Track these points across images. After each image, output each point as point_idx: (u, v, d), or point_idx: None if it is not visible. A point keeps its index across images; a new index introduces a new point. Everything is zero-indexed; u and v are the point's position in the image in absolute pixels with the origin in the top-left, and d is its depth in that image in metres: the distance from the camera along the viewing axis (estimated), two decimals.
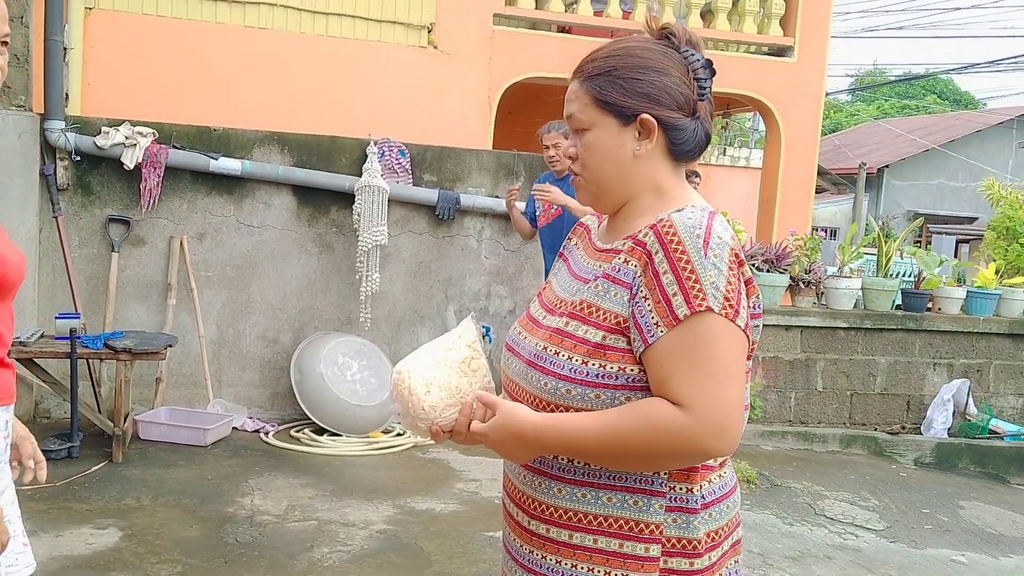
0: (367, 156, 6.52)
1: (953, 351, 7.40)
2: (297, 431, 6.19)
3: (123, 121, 6.12)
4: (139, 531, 4.35)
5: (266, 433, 6.14)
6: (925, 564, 4.78)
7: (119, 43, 7.07)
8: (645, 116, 1.56)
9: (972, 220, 22.10)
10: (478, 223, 6.90)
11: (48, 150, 5.99)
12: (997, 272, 7.80)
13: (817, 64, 9.42)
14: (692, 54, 1.59)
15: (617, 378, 1.50)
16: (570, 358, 1.53)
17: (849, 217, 21.49)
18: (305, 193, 6.50)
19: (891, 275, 7.69)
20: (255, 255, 6.46)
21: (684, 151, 1.61)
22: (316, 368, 6.13)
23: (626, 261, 1.54)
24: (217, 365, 6.41)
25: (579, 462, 1.55)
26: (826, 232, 21.38)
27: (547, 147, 5.60)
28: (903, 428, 7.32)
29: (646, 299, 1.48)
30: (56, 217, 6.01)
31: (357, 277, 6.48)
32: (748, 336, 1.51)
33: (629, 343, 1.50)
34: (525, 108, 9.70)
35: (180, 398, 6.29)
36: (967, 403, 7.24)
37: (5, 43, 1.93)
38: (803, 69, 9.35)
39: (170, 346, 5.71)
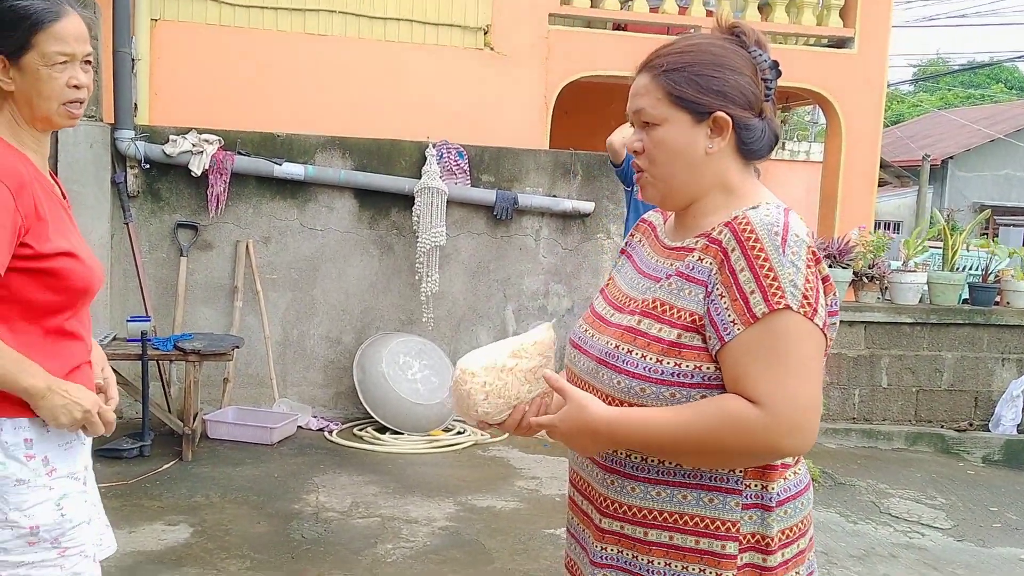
0: (426, 158, 6.60)
1: (1022, 346, 7.24)
2: (360, 430, 6.30)
3: (190, 129, 6.28)
4: (209, 527, 4.47)
5: (330, 432, 6.25)
6: (993, 563, 4.70)
7: (184, 53, 7.25)
8: (719, 114, 1.55)
9: None
10: (536, 223, 6.95)
11: (119, 159, 6.18)
12: None
13: (878, 55, 9.28)
14: (760, 54, 1.60)
15: (693, 376, 1.49)
16: (644, 356, 1.53)
17: (913, 210, 21.07)
18: (366, 196, 6.61)
19: (957, 269, 7.55)
20: (318, 257, 6.59)
21: (753, 150, 1.60)
22: (378, 367, 6.23)
23: (700, 259, 1.54)
24: (282, 365, 6.55)
25: (653, 460, 1.55)
26: (889, 226, 21.01)
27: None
28: (971, 425, 7.19)
29: (722, 297, 1.48)
30: (127, 223, 6.20)
31: (417, 278, 6.57)
32: (825, 334, 1.50)
33: (704, 341, 1.50)
34: (582, 107, 9.73)
35: (247, 398, 6.44)
36: None
37: (88, 62, 2.02)
38: (864, 60, 9.21)
39: (237, 347, 5.86)
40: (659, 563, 1.55)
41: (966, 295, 7.41)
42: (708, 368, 1.49)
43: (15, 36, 1.90)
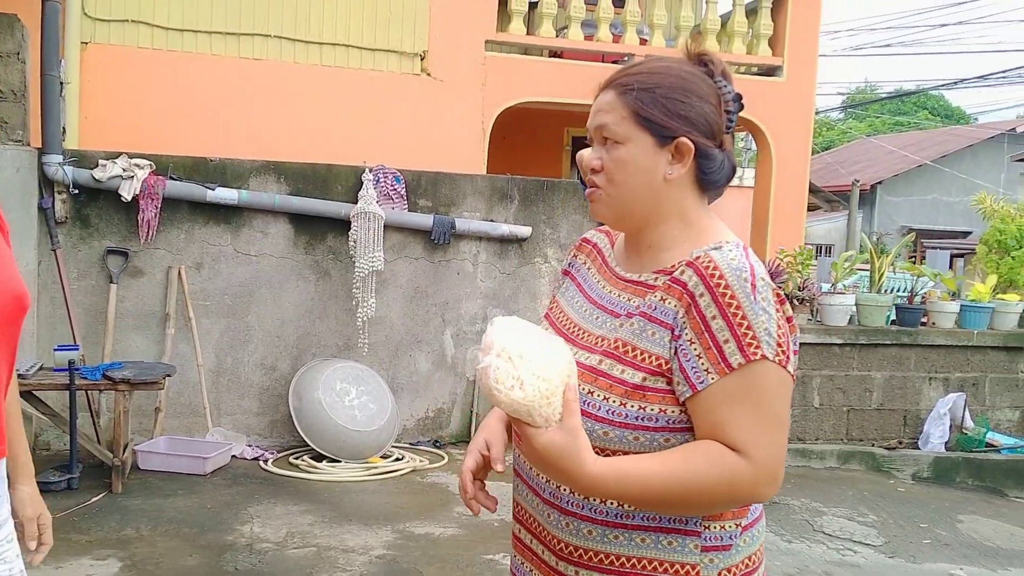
0: (362, 183, 6.58)
1: (948, 365, 7.44)
2: (296, 458, 6.21)
3: (120, 153, 6.18)
4: (139, 561, 4.36)
5: (265, 461, 6.16)
6: None
7: (115, 77, 7.15)
8: (683, 139, 1.52)
9: (966, 234, 22.19)
10: (473, 247, 6.96)
11: (46, 184, 6.04)
12: (995, 287, 7.86)
13: (806, 83, 9.52)
14: (725, 85, 1.58)
15: (657, 420, 1.46)
16: (607, 399, 1.48)
17: (844, 234, 21.56)
18: (301, 221, 6.56)
19: (885, 290, 7.74)
20: (252, 283, 6.50)
21: (712, 181, 1.57)
22: (314, 394, 6.16)
23: (663, 299, 1.49)
24: (216, 394, 6.44)
25: (611, 503, 1.50)
26: (821, 250, 21.44)
27: None
28: (900, 443, 7.35)
29: (692, 343, 1.44)
30: (55, 250, 6.06)
31: (354, 303, 6.53)
32: (793, 378, 1.50)
33: (669, 384, 1.47)
34: (519, 132, 9.80)
35: (179, 427, 6.31)
36: (963, 417, 7.27)
37: None
38: (792, 88, 9.44)
39: (168, 376, 5.74)
40: None
41: (894, 316, 7.59)
42: (673, 411, 1.47)
43: None
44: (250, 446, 6.33)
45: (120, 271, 6.22)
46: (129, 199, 6.10)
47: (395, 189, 6.74)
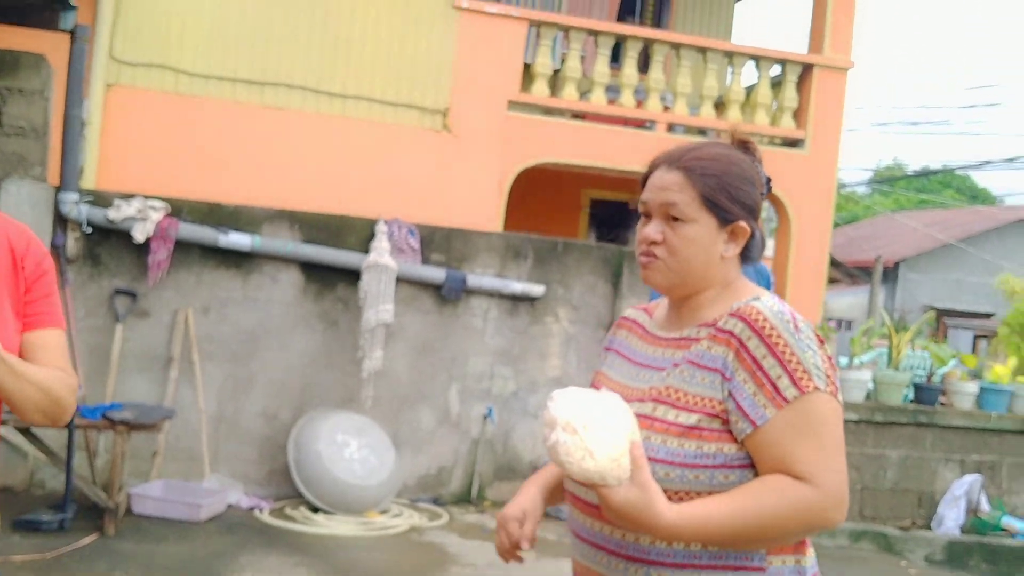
0: (376, 234, 6.57)
1: (966, 446, 7.26)
2: (292, 509, 6.11)
3: (135, 195, 6.20)
4: None
5: (261, 510, 6.06)
6: None
7: (138, 119, 7.21)
8: (740, 224, 1.69)
9: (989, 316, 21.94)
10: (484, 303, 6.91)
11: (60, 221, 6.07)
12: (1016, 369, 7.71)
13: (829, 157, 9.48)
14: (761, 169, 1.76)
15: (715, 458, 1.57)
16: (664, 442, 1.59)
17: (865, 310, 21.37)
18: (312, 270, 6.54)
19: (903, 369, 7.60)
20: (259, 330, 6.47)
21: (753, 257, 1.76)
22: (314, 446, 6.08)
23: (709, 348, 1.63)
24: (215, 440, 6.36)
25: (679, 544, 1.58)
26: (842, 324, 21.26)
27: None
28: (914, 524, 7.14)
29: (746, 383, 1.57)
30: (63, 288, 6.06)
31: (360, 354, 6.47)
32: (843, 410, 1.62)
33: (724, 424, 1.58)
34: (538, 192, 9.80)
35: (176, 472, 6.23)
36: (979, 500, 7.07)
37: None
38: (815, 161, 9.41)
39: (168, 419, 5.69)
40: None
41: (911, 395, 7.44)
42: (730, 449, 1.57)
43: None
44: (247, 495, 6.23)
45: (127, 312, 6.20)
46: (142, 241, 6.11)
47: (409, 242, 6.73)
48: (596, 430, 1.47)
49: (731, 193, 1.68)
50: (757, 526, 1.53)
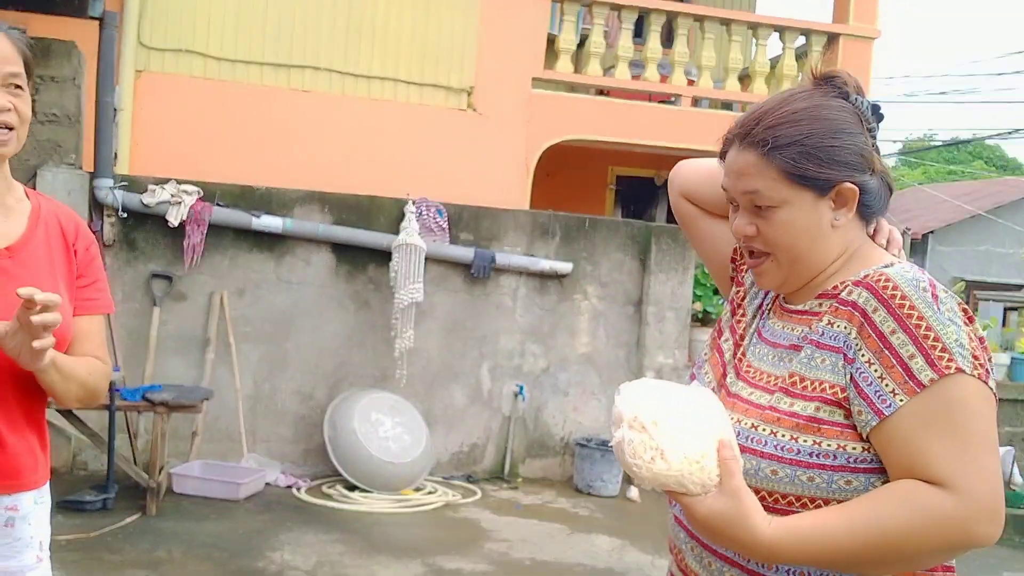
0: (405, 215, 6.62)
1: (997, 418, 7.23)
2: (329, 487, 6.20)
3: (169, 179, 6.28)
4: None
5: (298, 488, 6.15)
6: None
7: (168, 104, 7.30)
8: (846, 185, 1.40)
9: (1020, 287, 21.73)
10: (513, 281, 6.95)
11: (96, 207, 6.16)
12: None
13: None
14: (862, 101, 1.44)
15: (836, 458, 1.30)
16: (774, 433, 1.34)
17: None
18: (344, 251, 6.60)
19: None
20: (293, 311, 6.55)
21: (874, 210, 1.46)
22: (349, 424, 6.16)
23: (830, 323, 1.37)
24: (252, 420, 6.46)
25: (812, 569, 1.33)
26: None
27: None
28: None
29: (870, 364, 1.30)
30: None
31: (392, 334, 6.53)
32: (996, 400, 1.32)
33: (847, 416, 1.31)
34: (564, 169, 9.81)
35: (215, 452, 6.33)
36: (1012, 472, 7.05)
37: (18, 85, 1.78)
38: None
39: (206, 400, 5.78)
40: None
41: None
42: (854, 448, 1.31)
43: None
44: (284, 473, 6.33)
45: (164, 295, 6.30)
46: (176, 224, 6.19)
47: (437, 222, 6.77)
48: (670, 427, 1.26)
49: (821, 156, 1.38)
50: (880, 545, 1.24)
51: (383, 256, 6.58)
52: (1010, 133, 29.27)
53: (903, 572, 1.31)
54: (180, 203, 6.21)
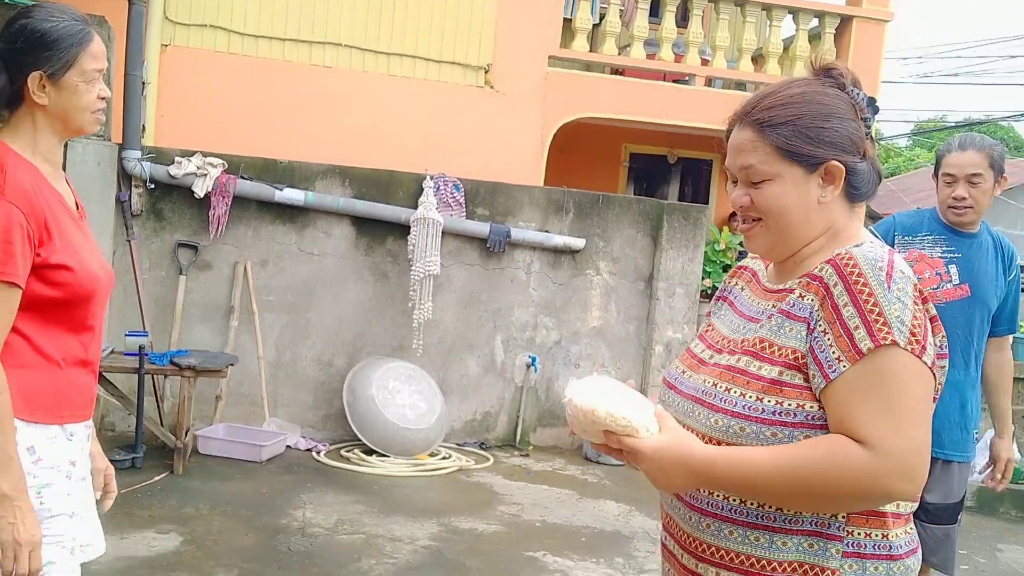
0: (423, 190, 6.79)
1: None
2: (347, 451, 6.43)
3: (195, 152, 6.47)
4: (198, 537, 4.59)
5: (318, 452, 6.38)
6: None
7: (192, 78, 7.48)
8: (833, 163, 1.54)
9: None
10: (527, 256, 7.13)
11: (124, 178, 6.35)
12: None
13: None
14: (858, 93, 1.59)
15: (795, 416, 1.46)
16: (743, 395, 1.50)
17: None
18: (363, 224, 6.79)
19: None
20: (314, 282, 6.75)
21: (861, 193, 1.60)
22: (368, 391, 6.37)
23: (801, 296, 1.52)
24: (274, 386, 6.68)
25: (752, 504, 1.51)
26: None
27: (951, 178, 3.36)
28: None
29: (825, 333, 1.45)
30: (129, 241, 6.36)
31: (410, 305, 6.72)
32: (935, 375, 1.46)
33: (807, 379, 1.47)
34: (578, 146, 9.97)
35: (237, 416, 6.56)
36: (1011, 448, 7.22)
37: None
38: None
39: (231, 365, 6.00)
40: None
41: None
42: (811, 407, 1.46)
43: (61, 56, 2.04)
44: (304, 437, 6.56)
45: (189, 264, 6.50)
46: (201, 196, 6.38)
47: (454, 197, 6.94)
48: (616, 393, 1.52)
49: (810, 135, 1.53)
50: (801, 484, 1.41)
51: (402, 229, 6.76)
52: (1022, 115, 29.12)
53: (818, 511, 1.48)
54: (206, 175, 6.40)
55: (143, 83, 6.58)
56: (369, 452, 6.38)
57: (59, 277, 2.04)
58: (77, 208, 2.26)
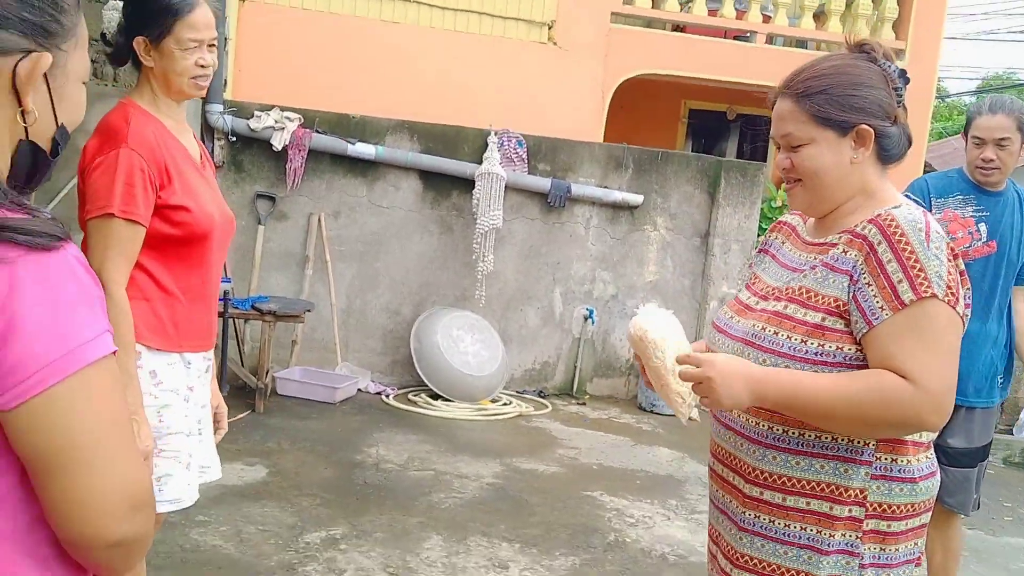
0: (487, 145, 7.03)
1: None
2: (414, 395, 6.78)
3: (273, 106, 6.76)
4: (282, 470, 4.98)
5: (387, 396, 6.74)
6: (999, 549, 5.07)
7: (268, 33, 7.76)
8: (862, 126, 1.73)
9: None
10: (587, 211, 7.35)
11: (207, 130, 6.68)
12: None
13: (927, 68, 9.52)
14: (889, 65, 1.79)
15: (835, 356, 1.67)
16: (789, 337, 1.71)
17: None
18: (430, 178, 7.06)
19: None
20: (383, 233, 7.05)
21: (892, 155, 1.79)
22: (433, 339, 6.70)
23: (844, 251, 1.72)
24: (345, 332, 7.03)
25: (793, 432, 1.72)
26: None
27: (980, 141, 3.45)
28: (995, 429, 7.46)
29: (869, 285, 1.65)
30: None
31: (473, 257, 7.01)
32: (964, 322, 1.67)
33: (847, 325, 1.68)
34: (638, 103, 10.10)
35: (311, 360, 6.93)
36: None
37: (213, 45, 2.43)
38: (913, 72, 9.40)
39: (308, 311, 6.35)
40: (795, 527, 1.75)
41: None
42: (850, 350, 1.67)
43: (158, 24, 2.31)
44: (373, 381, 6.92)
45: (267, 215, 6.84)
46: (279, 149, 6.69)
47: (517, 152, 7.18)
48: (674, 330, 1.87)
49: (842, 102, 1.72)
50: (846, 407, 1.60)
51: (466, 184, 7.02)
52: None
53: (858, 435, 1.70)
54: (283, 129, 6.70)
55: (226, 39, 6.87)
56: (434, 396, 6.72)
57: (178, 217, 2.34)
58: (201, 159, 2.54)
